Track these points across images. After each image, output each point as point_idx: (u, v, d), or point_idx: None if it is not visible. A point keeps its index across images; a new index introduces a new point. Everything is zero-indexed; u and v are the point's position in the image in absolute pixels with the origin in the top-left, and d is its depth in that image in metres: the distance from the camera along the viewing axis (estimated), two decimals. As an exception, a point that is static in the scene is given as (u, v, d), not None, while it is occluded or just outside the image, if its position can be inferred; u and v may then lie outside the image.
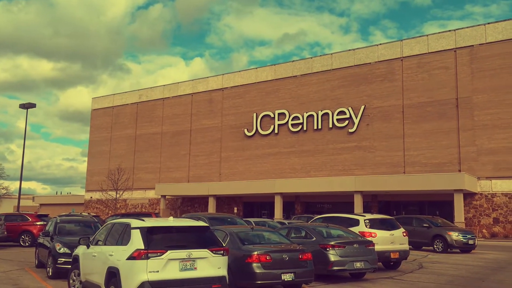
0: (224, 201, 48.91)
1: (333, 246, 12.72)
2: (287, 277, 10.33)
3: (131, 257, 8.22)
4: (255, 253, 10.25)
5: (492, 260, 19.02)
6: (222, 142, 49.71)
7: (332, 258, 12.57)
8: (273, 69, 47.88)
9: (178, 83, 55.21)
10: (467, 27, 37.82)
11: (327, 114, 43.07)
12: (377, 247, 14.07)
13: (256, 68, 49.50)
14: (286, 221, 23.36)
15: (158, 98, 56.14)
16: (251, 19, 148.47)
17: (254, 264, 10.14)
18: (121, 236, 9.08)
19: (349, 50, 43.41)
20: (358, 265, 12.79)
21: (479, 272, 15.05)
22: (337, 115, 42.46)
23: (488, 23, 36.90)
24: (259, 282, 10.08)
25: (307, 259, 10.83)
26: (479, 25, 37.33)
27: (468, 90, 36.62)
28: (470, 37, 37.10)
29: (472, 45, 36.88)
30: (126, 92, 60.67)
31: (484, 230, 34.76)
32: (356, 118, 41.31)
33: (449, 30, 38.51)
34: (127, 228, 8.99)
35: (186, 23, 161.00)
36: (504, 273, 15.03)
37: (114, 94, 61.38)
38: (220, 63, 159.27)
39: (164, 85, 56.63)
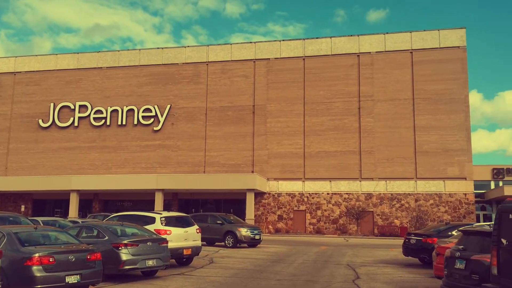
0: (9, 198, 43.77)
1: (125, 245, 12.53)
2: (72, 279, 9.79)
3: None
4: (36, 255, 9.44)
5: (273, 253, 21.23)
6: (10, 132, 44.40)
7: (124, 257, 12.37)
8: (76, 58, 44.81)
9: (-44, 60, 47.28)
10: (266, 41, 41.66)
11: (132, 110, 42.28)
12: (172, 244, 14.41)
13: (57, 54, 45.67)
14: (80, 220, 22.11)
15: None
16: (57, 3, 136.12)
17: (34, 267, 9.33)
18: None
19: (158, 48, 43.46)
20: (150, 263, 12.85)
21: (260, 265, 16.65)
22: (143, 112, 42.05)
23: (283, 40, 41.26)
24: (38, 286, 9.32)
25: (96, 259, 10.44)
26: (275, 40, 41.47)
27: (263, 99, 40.26)
28: (268, 50, 40.90)
29: (269, 58, 40.73)
30: None
31: (270, 226, 38.60)
32: (162, 116, 41.55)
33: (250, 42, 41.85)
34: None
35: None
36: (281, 264, 16.92)
37: None
38: (18, 45, 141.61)
39: None
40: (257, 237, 24.24)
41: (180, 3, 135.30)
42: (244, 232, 23.79)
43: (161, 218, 16.00)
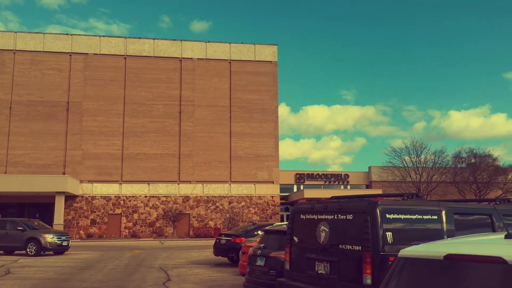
0: None
1: None
2: None
3: None
4: None
5: (82, 259, 20.05)
6: None
7: None
8: None
9: None
10: (84, 35, 39.28)
11: None
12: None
13: None
14: None
15: None
16: None
17: None
18: None
19: (-49, 28, 37.35)
20: None
21: (66, 273, 15.56)
22: None
23: (104, 36, 39.43)
24: None
25: None
26: (95, 35, 39.40)
27: (79, 96, 37.84)
28: (86, 45, 38.60)
29: (87, 53, 38.48)
30: None
31: (81, 231, 36.35)
32: (-48, 107, 35.81)
33: (67, 34, 38.93)
34: None
35: None
36: (90, 271, 16.07)
37: None
38: None
39: None
40: (64, 243, 22.63)
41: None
42: (49, 238, 21.97)
43: None
